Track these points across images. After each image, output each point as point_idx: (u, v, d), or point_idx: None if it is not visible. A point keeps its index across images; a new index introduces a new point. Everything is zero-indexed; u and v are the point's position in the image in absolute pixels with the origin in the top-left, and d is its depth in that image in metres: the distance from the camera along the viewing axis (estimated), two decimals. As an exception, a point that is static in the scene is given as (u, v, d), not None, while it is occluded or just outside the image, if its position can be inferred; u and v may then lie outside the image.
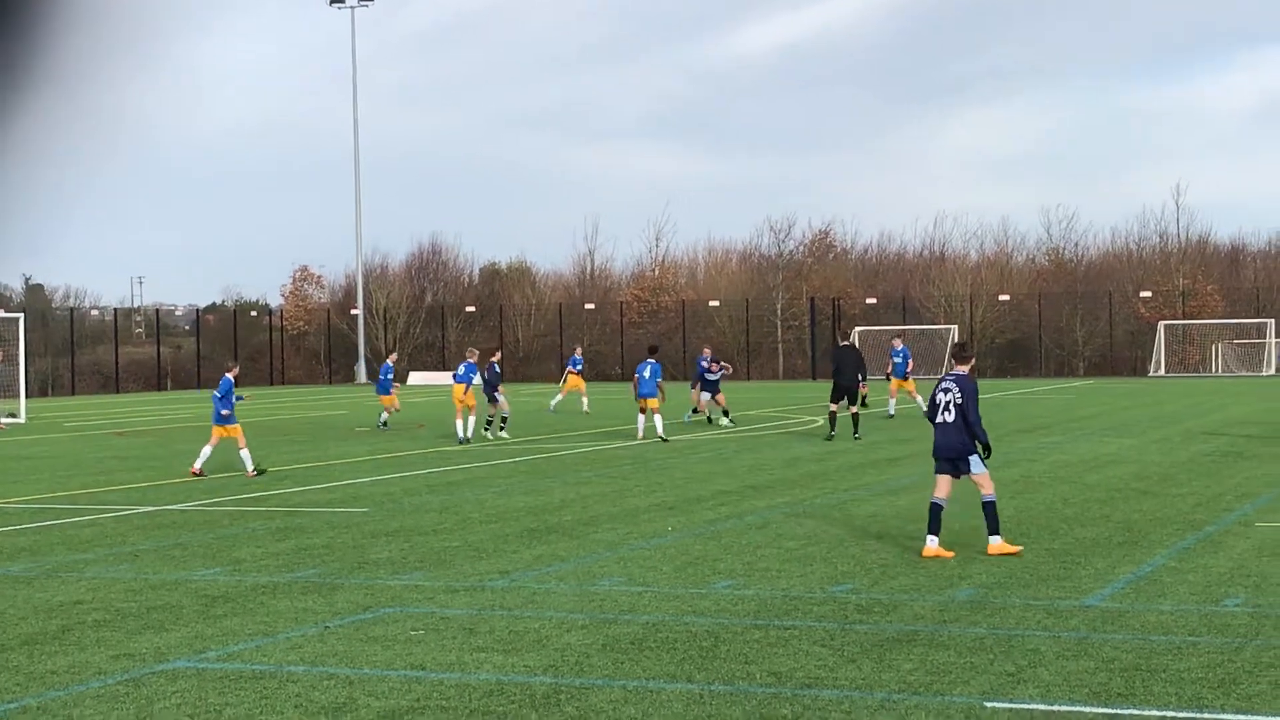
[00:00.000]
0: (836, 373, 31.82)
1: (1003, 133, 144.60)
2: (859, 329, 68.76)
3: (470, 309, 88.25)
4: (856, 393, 31.74)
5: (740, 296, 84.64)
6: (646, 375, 32.00)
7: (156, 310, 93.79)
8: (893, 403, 38.94)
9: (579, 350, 47.55)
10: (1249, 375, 70.35)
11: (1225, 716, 8.43)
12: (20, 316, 49.85)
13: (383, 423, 38.05)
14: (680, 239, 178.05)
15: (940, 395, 14.86)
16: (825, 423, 33.56)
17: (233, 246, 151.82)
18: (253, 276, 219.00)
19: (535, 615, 11.84)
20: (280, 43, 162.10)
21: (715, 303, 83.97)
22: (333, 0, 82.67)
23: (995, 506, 14.72)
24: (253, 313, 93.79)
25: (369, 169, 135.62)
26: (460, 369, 32.83)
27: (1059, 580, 13.05)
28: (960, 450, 14.67)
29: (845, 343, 33.62)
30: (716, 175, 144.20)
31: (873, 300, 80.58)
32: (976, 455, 14.73)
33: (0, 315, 53.29)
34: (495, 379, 33.39)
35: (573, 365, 45.28)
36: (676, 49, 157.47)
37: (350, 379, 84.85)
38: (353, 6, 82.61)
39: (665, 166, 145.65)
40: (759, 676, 9.53)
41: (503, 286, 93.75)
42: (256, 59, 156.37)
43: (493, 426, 33.87)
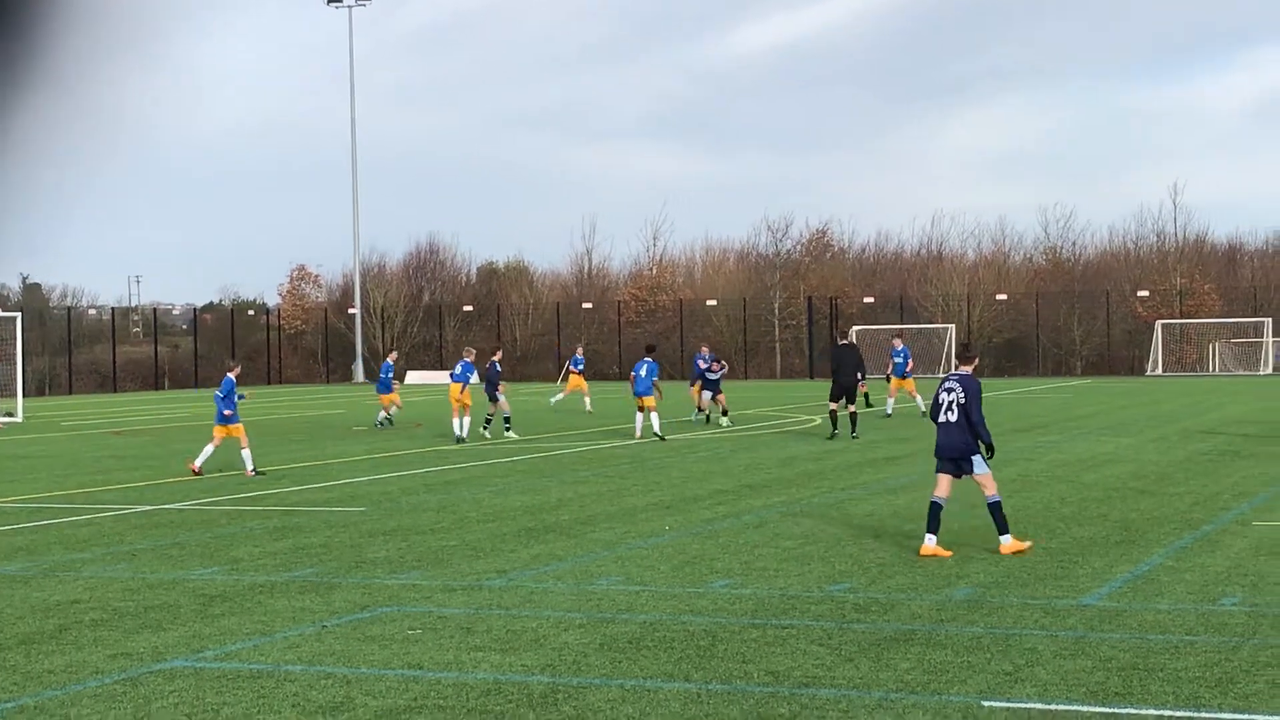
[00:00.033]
0: (836, 371, 31.76)
1: (1002, 133, 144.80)
2: (856, 328, 68.73)
3: (468, 308, 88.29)
4: (855, 391, 31.75)
5: (737, 296, 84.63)
6: (643, 374, 32.07)
7: (154, 309, 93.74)
8: (891, 402, 38.95)
9: (580, 350, 47.54)
10: (1246, 374, 70.37)
11: (1222, 715, 8.43)
12: (18, 315, 49.87)
13: (381, 422, 38.06)
14: (678, 238, 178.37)
15: (944, 395, 14.84)
16: (825, 422, 33.56)
17: (230, 246, 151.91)
18: (250, 276, 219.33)
19: (533, 614, 11.84)
20: (279, 43, 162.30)
21: (713, 302, 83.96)
22: (330, 0, 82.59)
23: (1000, 506, 14.70)
24: (250, 312, 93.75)
25: (367, 168, 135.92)
26: (457, 368, 32.80)
27: (1056, 579, 13.05)
28: (963, 450, 14.66)
29: (844, 341, 33.52)
30: (715, 175, 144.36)
31: (870, 299, 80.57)
32: (979, 455, 14.73)
33: (-2, 314, 53.33)
34: (496, 377, 33.38)
35: (574, 365, 45.26)
36: (676, 49, 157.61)
37: (348, 378, 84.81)
38: (350, 6, 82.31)
39: (664, 166, 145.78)
40: (756, 675, 9.54)
41: (500, 286, 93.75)
42: (255, 59, 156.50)
43: (492, 426, 33.86)
